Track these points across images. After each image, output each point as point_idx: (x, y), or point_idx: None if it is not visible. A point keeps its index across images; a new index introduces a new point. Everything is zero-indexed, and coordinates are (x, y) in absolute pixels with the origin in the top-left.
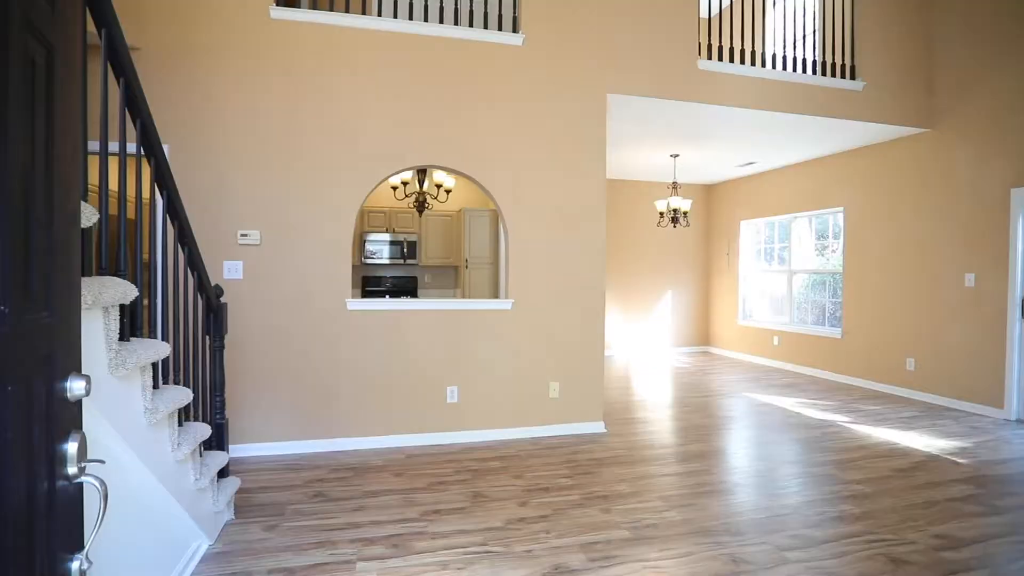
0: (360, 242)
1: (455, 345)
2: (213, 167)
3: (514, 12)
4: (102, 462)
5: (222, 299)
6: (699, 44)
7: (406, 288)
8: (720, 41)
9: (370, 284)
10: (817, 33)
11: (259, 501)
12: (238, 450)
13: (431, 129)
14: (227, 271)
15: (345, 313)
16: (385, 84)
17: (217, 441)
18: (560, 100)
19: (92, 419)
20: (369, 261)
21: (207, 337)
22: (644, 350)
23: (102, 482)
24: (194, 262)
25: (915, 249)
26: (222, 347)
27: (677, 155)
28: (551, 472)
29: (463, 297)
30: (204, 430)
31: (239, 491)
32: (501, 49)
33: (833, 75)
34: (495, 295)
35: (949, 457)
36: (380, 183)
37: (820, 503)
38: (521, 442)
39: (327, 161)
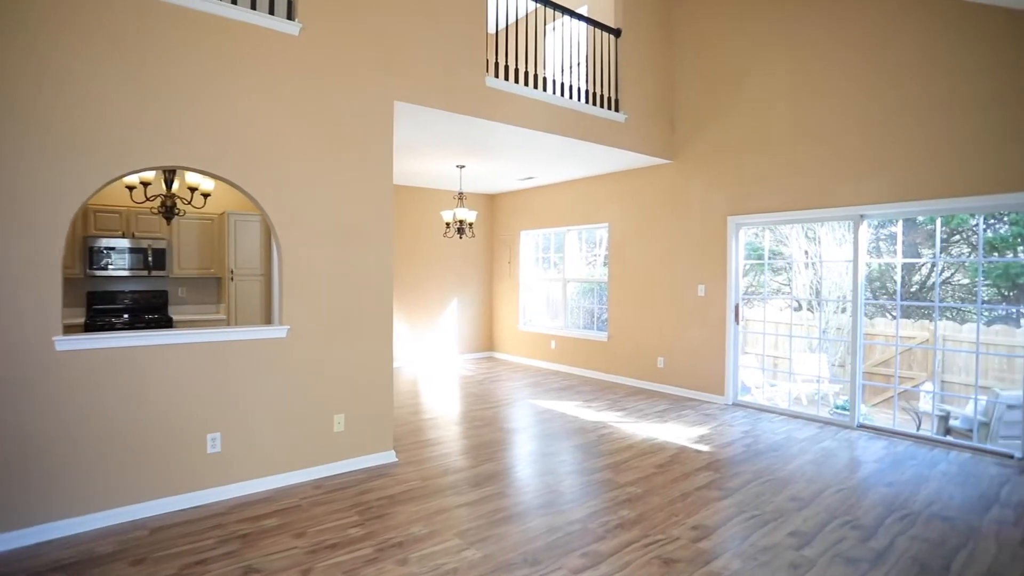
0: (84, 249)
1: (218, 383)
2: None
3: None
4: None
5: None
6: (487, 61)
7: (152, 305)
8: (506, 60)
9: (101, 301)
10: (587, 65)
11: None
12: None
13: (182, 122)
14: None
15: (53, 355)
16: (122, 59)
17: None
18: (343, 104)
19: None
20: (100, 273)
21: None
22: (431, 360)
23: None
24: None
25: (663, 262)
26: None
27: (463, 166)
28: (339, 521)
29: (227, 313)
30: None
31: None
32: (273, 37)
33: (601, 105)
34: (268, 310)
35: (693, 447)
36: (105, 186)
37: (603, 512)
38: (303, 487)
39: (24, 151)
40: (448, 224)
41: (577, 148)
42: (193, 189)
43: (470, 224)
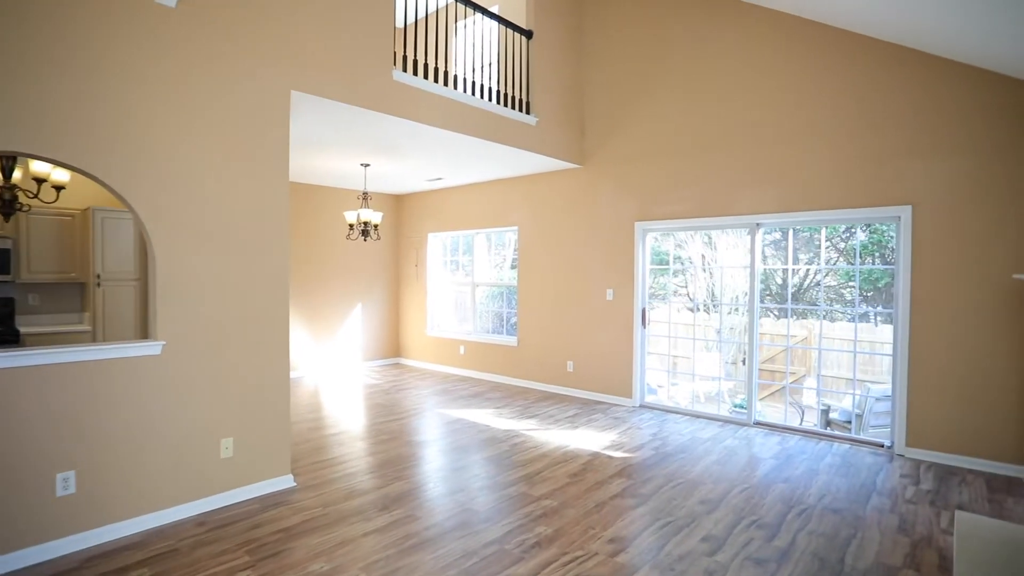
0: None
1: (74, 412)
2: None
3: None
4: None
5: None
6: (395, 54)
7: None
8: (415, 55)
9: None
10: (498, 65)
11: None
12: None
13: (24, 98)
14: None
15: None
16: None
17: None
18: (232, 90)
19: None
20: None
21: None
22: (334, 368)
23: None
24: None
25: (573, 266)
26: None
27: (368, 165)
28: (226, 565)
29: (93, 324)
30: None
31: None
32: (144, 7)
33: (512, 107)
34: (145, 320)
35: (605, 453)
36: None
37: (519, 530)
38: (183, 525)
39: None
40: (352, 225)
41: (487, 149)
42: (41, 180)
43: (375, 226)
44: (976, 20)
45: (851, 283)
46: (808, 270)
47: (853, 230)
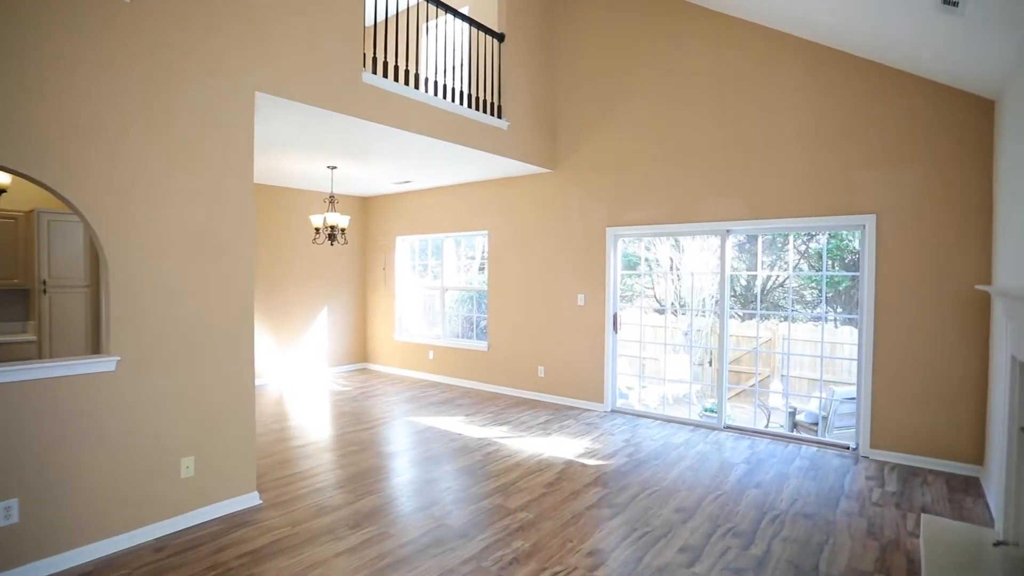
0: None
1: (14, 438)
2: None
3: None
4: None
5: None
6: (364, 55)
7: None
8: (385, 56)
9: None
10: (468, 68)
11: None
12: None
13: None
14: None
15: None
16: None
17: None
18: (193, 91)
19: None
20: None
21: None
22: (299, 374)
23: None
24: None
25: (544, 271)
26: None
27: (335, 167)
28: None
29: (39, 333)
30: None
31: None
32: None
33: (484, 111)
34: (97, 329)
35: (579, 460)
36: None
37: (496, 545)
38: (140, 552)
39: None
40: (318, 229)
41: (458, 153)
42: None
43: (342, 230)
44: (934, 37)
45: (812, 285)
46: (770, 274)
47: (815, 235)
